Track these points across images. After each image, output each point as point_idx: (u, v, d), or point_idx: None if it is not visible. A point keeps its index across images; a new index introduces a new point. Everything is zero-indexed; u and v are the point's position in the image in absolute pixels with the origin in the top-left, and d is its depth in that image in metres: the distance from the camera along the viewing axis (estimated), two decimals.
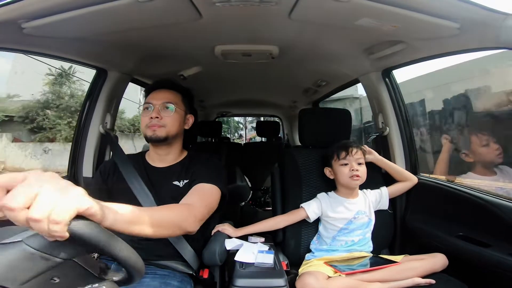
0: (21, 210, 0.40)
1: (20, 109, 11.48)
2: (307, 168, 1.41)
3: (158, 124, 1.07)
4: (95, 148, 1.52)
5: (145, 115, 1.09)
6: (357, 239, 1.25)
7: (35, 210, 0.40)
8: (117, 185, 1.09)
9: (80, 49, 1.26)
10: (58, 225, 0.41)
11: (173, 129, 1.10)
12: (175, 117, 1.10)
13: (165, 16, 1.04)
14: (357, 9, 0.94)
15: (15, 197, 0.40)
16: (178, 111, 1.11)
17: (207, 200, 0.98)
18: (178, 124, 1.12)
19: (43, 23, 0.92)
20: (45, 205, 0.40)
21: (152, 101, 1.09)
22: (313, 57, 1.58)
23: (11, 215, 0.40)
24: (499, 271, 0.99)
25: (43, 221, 0.40)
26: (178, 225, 0.79)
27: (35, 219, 0.40)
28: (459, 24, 0.94)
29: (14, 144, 11.16)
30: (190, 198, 0.95)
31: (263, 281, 0.94)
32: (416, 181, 1.38)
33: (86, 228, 0.44)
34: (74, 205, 0.43)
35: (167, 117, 1.08)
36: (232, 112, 4.01)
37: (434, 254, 1.12)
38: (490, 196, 1.13)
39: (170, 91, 1.14)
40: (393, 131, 1.54)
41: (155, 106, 1.08)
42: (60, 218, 0.41)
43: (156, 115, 1.07)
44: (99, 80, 1.51)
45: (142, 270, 0.56)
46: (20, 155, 10.86)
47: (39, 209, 0.40)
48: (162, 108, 1.08)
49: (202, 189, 1.01)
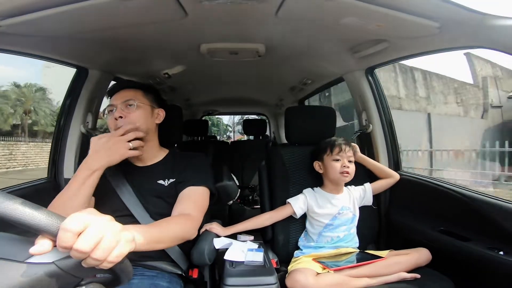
0: (90, 252, 0.46)
1: None
2: (294, 165, 1.42)
3: (123, 123, 1.04)
4: (76, 148, 1.47)
5: (110, 118, 1.07)
6: (343, 235, 1.27)
7: (99, 253, 0.46)
8: (100, 184, 1.06)
9: (59, 47, 1.21)
10: (111, 264, 0.49)
11: (141, 125, 1.06)
12: (140, 113, 1.07)
13: (149, 14, 1.02)
14: (343, 8, 0.96)
15: (88, 243, 0.45)
16: (141, 106, 1.08)
17: (200, 205, 1.02)
18: (145, 119, 1.08)
19: (19, 21, 0.88)
20: (106, 250, 0.47)
21: (113, 102, 1.07)
22: (299, 55, 1.59)
23: (78, 255, 0.46)
24: (480, 264, 1.03)
25: (101, 261, 0.47)
26: (183, 238, 0.88)
27: (97, 259, 0.46)
28: (439, 23, 0.97)
29: None
30: (185, 206, 0.98)
31: (254, 279, 0.94)
32: (398, 177, 1.42)
33: (121, 261, 0.51)
34: (127, 249, 0.51)
35: (130, 114, 1.05)
36: (218, 110, 3.98)
37: (418, 248, 1.15)
38: (469, 191, 1.17)
39: (129, 90, 1.11)
40: (376, 128, 1.58)
41: (117, 106, 1.05)
42: (115, 260, 0.49)
43: (119, 115, 1.04)
44: (80, 79, 1.46)
45: (130, 272, 0.55)
46: None
47: (102, 253, 0.47)
48: (123, 107, 1.06)
49: (194, 193, 1.03)
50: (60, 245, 0.45)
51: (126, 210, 1.00)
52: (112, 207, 0.99)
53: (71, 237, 0.45)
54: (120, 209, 1.00)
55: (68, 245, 0.45)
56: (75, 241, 0.45)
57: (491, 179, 6.96)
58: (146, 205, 1.03)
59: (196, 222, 0.96)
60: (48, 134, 17.87)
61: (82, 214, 0.49)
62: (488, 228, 1.06)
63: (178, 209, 0.97)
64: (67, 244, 0.45)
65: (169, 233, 0.81)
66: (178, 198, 1.02)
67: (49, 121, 18.76)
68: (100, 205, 1.00)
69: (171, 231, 0.83)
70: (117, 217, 0.54)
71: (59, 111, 1.55)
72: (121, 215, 0.97)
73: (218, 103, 3.33)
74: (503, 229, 1.01)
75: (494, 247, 1.00)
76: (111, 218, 0.52)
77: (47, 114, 19.31)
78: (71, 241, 0.45)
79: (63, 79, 1.70)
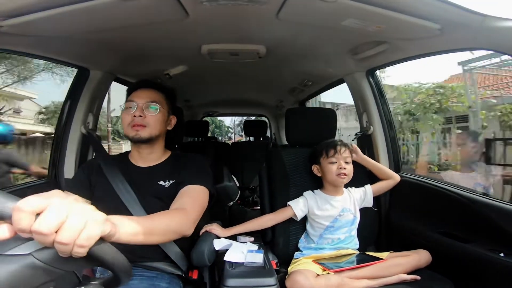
0: (51, 234, 0.42)
1: None
2: (294, 167, 1.42)
3: (141, 123, 1.04)
4: (77, 149, 1.48)
5: (127, 113, 1.06)
6: (343, 236, 1.27)
7: (64, 235, 0.42)
8: (100, 184, 1.07)
9: (61, 48, 1.22)
10: (82, 248, 0.44)
11: (156, 129, 1.08)
12: (158, 117, 1.08)
13: (150, 14, 1.02)
14: (343, 10, 0.96)
15: (47, 223, 0.42)
16: (161, 111, 1.09)
17: (198, 201, 1.00)
18: (161, 124, 1.10)
19: (22, 22, 0.88)
20: (73, 231, 0.43)
21: (135, 99, 1.07)
22: (299, 57, 1.60)
23: (40, 238, 0.42)
24: (480, 266, 1.03)
25: (70, 244, 0.43)
26: (176, 232, 0.85)
27: (63, 243, 0.42)
28: (440, 25, 0.97)
29: None
30: (182, 201, 0.97)
31: (254, 281, 0.94)
32: (398, 179, 1.41)
33: (104, 250, 0.49)
34: (98, 231, 0.47)
35: (150, 117, 1.06)
36: (219, 111, 3.98)
37: (418, 250, 1.15)
38: (469, 193, 1.17)
39: (154, 91, 1.12)
40: (377, 130, 1.57)
41: (139, 104, 1.05)
42: (86, 243, 0.44)
43: (139, 114, 1.04)
44: (81, 79, 1.47)
45: (129, 272, 0.55)
46: None
47: (67, 234, 0.43)
48: (145, 107, 1.06)
49: (192, 191, 1.02)
50: (16, 228, 0.41)
51: (125, 210, 1.00)
52: (110, 207, 0.98)
53: (26, 218, 0.41)
54: (119, 209, 0.99)
55: (24, 227, 0.41)
56: (32, 223, 0.41)
57: None
58: (145, 205, 1.02)
59: (191, 217, 0.93)
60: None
61: (41, 194, 0.45)
62: (488, 230, 1.06)
63: (175, 205, 0.96)
64: (23, 226, 0.41)
65: (161, 226, 0.78)
66: (176, 196, 1.01)
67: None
68: (98, 205, 1.00)
69: (163, 223, 0.80)
70: None
71: (60, 112, 1.55)
72: (120, 215, 0.97)
73: (218, 104, 3.33)
74: (504, 230, 1.01)
75: (494, 249, 1.00)
76: (76, 197, 0.48)
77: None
78: (26, 223, 0.41)
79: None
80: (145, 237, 0.67)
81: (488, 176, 2.27)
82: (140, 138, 1.05)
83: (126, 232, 0.58)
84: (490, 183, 2.19)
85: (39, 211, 0.42)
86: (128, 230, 0.59)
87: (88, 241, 0.45)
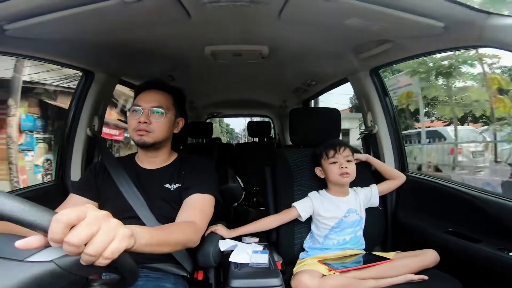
0: (81, 246, 0.44)
1: None
2: (298, 167, 1.42)
3: (145, 129, 1.04)
4: (83, 151, 1.49)
5: (133, 117, 1.05)
6: (349, 237, 1.26)
7: (92, 248, 0.45)
8: (107, 186, 1.07)
9: (66, 51, 1.23)
10: (107, 260, 0.46)
11: (161, 135, 1.07)
12: (164, 123, 1.07)
13: (153, 16, 1.02)
14: (346, 9, 0.95)
15: (79, 235, 0.44)
16: (168, 116, 1.08)
17: (205, 212, 1.02)
18: (167, 129, 1.09)
19: (26, 25, 0.89)
20: (101, 244, 0.45)
21: (141, 103, 1.06)
22: (303, 56, 1.59)
23: (70, 249, 0.44)
24: (489, 266, 1.01)
25: (96, 256, 0.45)
26: (185, 244, 0.87)
27: (90, 254, 0.45)
28: (444, 23, 0.96)
29: None
30: (190, 213, 0.98)
31: (259, 281, 0.94)
32: (404, 179, 1.40)
33: (125, 261, 0.51)
34: (123, 245, 0.49)
35: (156, 123, 1.05)
36: (223, 112, 3.99)
37: (425, 250, 1.13)
38: (478, 192, 1.15)
39: (161, 93, 1.10)
40: (382, 129, 1.56)
41: (144, 109, 1.04)
42: (111, 256, 0.47)
43: (144, 120, 1.03)
44: (86, 82, 1.48)
45: (136, 273, 0.55)
46: None
47: (96, 248, 0.45)
48: (151, 112, 1.05)
49: (199, 201, 1.02)
50: (51, 238, 0.43)
51: (132, 211, 1.01)
52: (118, 209, 0.99)
53: (62, 229, 0.43)
54: (126, 211, 1.00)
55: (58, 237, 0.43)
56: (67, 234, 0.44)
57: None
58: (152, 208, 1.03)
59: (200, 230, 0.96)
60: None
61: (78, 207, 0.47)
62: (498, 229, 1.04)
63: (183, 216, 0.97)
64: (57, 236, 0.43)
65: (172, 238, 0.79)
66: (183, 205, 1.01)
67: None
68: (105, 207, 1.01)
69: (174, 236, 0.81)
70: (123, 219, 0.54)
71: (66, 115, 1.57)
72: (127, 216, 0.97)
73: (222, 105, 3.34)
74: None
75: (504, 248, 0.98)
76: (108, 213, 0.50)
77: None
78: (61, 233, 0.43)
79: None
80: (156, 248, 0.70)
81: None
82: (144, 143, 1.05)
83: (141, 244, 0.60)
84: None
85: (75, 224, 0.45)
86: (143, 242, 0.61)
87: (113, 255, 0.47)
